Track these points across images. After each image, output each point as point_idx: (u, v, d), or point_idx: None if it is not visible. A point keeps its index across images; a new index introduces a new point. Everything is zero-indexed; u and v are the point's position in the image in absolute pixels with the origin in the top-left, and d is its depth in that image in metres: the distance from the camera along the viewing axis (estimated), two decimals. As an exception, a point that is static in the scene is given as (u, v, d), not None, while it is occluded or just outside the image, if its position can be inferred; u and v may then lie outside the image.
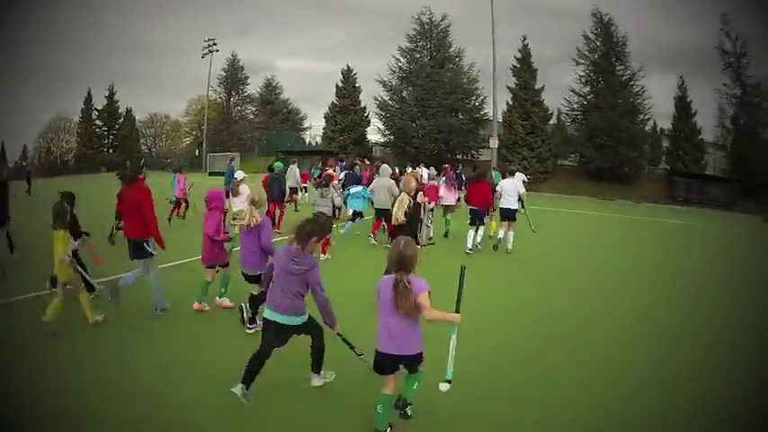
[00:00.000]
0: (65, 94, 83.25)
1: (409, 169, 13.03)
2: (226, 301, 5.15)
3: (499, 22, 28.11)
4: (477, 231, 8.58)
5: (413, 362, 2.88)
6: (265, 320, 3.22)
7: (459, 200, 10.88)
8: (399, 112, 35.05)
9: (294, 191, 13.15)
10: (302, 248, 3.12)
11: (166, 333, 4.51)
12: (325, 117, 38.33)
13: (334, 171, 12.20)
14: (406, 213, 5.95)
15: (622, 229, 14.84)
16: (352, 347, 3.47)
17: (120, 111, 49.73)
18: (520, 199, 8.70)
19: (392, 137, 35.82)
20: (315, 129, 42.49)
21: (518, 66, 33.80)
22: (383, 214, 8.70)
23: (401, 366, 2.90)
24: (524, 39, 34.09)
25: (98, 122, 49.66)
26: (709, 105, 32.60)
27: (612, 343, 4.78)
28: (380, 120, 36.34)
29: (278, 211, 9.78)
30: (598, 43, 33.24)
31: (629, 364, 4.28)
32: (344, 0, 71.80)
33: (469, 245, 8.46)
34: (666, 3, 56.64)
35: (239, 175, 9.04)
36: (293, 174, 13.27)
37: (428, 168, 17.53)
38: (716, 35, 31.16)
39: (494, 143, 29.92)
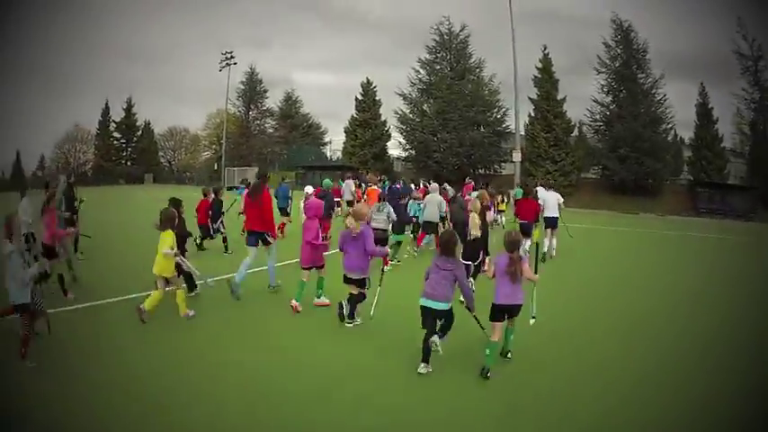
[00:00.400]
0: (81, 105, 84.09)
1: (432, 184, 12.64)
2: (324, 300, 5.79)
3: (515, 33, 27.50)
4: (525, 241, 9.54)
5: (518, 310, 4.30)
6: (423, 308, 4.23)
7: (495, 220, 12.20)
8: (420, 125, 34.89)
9: (350, 203, 13.62)
10: (447, 257, 4.29)
11: (271, 320, 5.46)
12: (345, 131, 38.27)
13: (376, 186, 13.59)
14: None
15: (653, 245, 14.56)
16: (479, 323, 4.46)
17: (138, 123, 50.10)
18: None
19: (413, 151, 35.72)
20: (335, 143, 42.46)
21: (539, 76, 33.40)
22: (429, 227, 9.35)
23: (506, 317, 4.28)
24: (545, 48, 33.76)
25: (116, 134, 50.11)
26: (724, 111, 31.80)
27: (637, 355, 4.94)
28: (401, 133, 36.27)
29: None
30: (619, 50, 32.81)
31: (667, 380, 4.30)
32: (364, 13, 71.20)
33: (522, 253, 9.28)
34: (678, 7, 55.57)
35: (309, 189, 10.10)
36: (348, 187, 14.50)
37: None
38: (732, 39, 30.79)
39: (517, 157, 29.68)
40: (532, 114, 33.15)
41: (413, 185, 13.88)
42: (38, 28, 69.87)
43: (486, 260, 6.53)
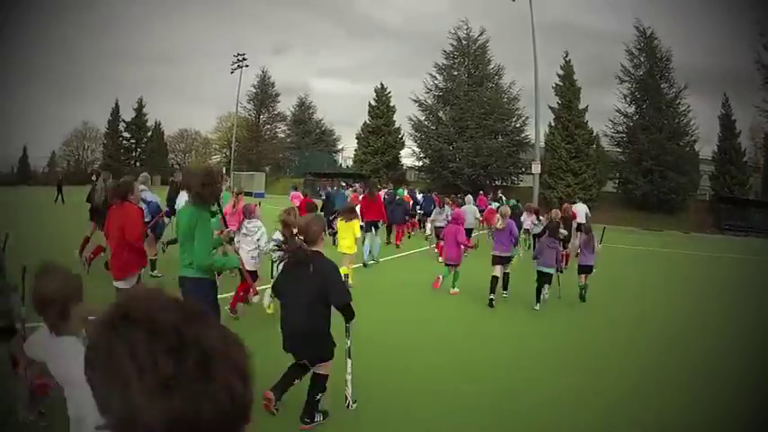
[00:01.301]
0: (91, 104, 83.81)
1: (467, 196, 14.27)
2: (456, 290, 7.41)
3: (536, 40, 26.21)
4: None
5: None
6: (540, 272, 6.64)
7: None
8: (435, 133, 33.73)
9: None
10: (554, 237, 6.81)
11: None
12: (357, 138, 37.17)
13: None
14: None
15: (689, 269, 13.03)
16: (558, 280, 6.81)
17: (148, 124, 49.59)
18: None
19: (427, 160, 34.54)
20: (347, 151, 41.48)
21: (560, 84, 32.16)
22: (468, 233, 10.53)
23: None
24: (566, 55, 32.48)
25: (125, 134, 49.65)
26: (741, 124, 30.62)
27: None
28: (415, 141, 35.08)
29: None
30: (642, 59, 31.49)
31: None
32: (382, 21, 70.12)
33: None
34: (698, 16, 53.77)
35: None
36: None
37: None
38: (755, 50, 29.50)
39: (536, 168, 28.38)
40: (552, 124, 31.91)
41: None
42: (49, 29, 69.71)
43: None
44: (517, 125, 33.50)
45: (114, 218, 4.19)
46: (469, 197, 13.59)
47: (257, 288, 4.98)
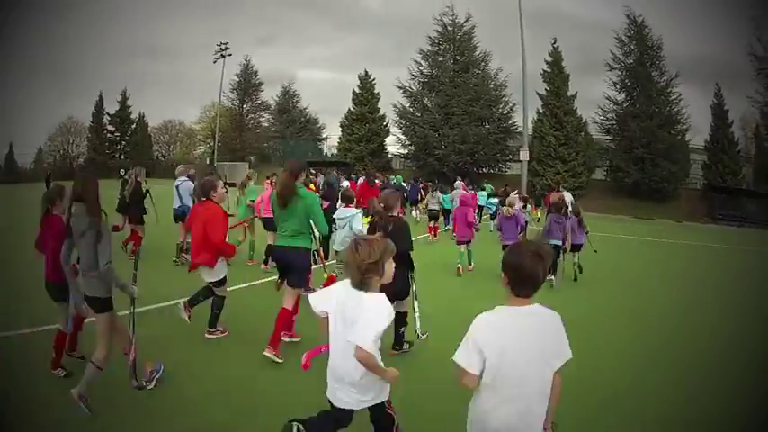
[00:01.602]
0: (75, 97, 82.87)
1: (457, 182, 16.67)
2: (472, 266, 8.00)
3: (523, 26, 25.31)
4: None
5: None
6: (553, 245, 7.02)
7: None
8: (421, 120, 32.83)
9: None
10: (559, 215, 7.49)
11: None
12: (341, 126, 36.22)
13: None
14: None
15: (690, 262, 11.94)
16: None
17: (132, 116, 48.63)
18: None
19: (413, 147, 33.65)
20: (332, 140, 40.48)
21: (549, 70, 31.43)
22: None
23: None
24: (555, 41, 31.76)
25: (110, 128, 48.65)
26: (733, 114, 30.08)
27: None
28: (400, 129, 34.22)
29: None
30: (632, 47, 30.75)
31: None
32: (366, 9, 69.56)
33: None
34: (691, 7, 53.28)
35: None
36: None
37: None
38: (747, 41, 29.10)
39: (524, 155, 27.50)
40: (541, 111, 31.07)
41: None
42: (34, 23, 68.85)
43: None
44: (504, 112, 32.67)
45: (197, 215, 4.26)
46: (458, 182, 16.02)
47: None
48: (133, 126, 48.69)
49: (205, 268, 4.17)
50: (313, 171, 17.39)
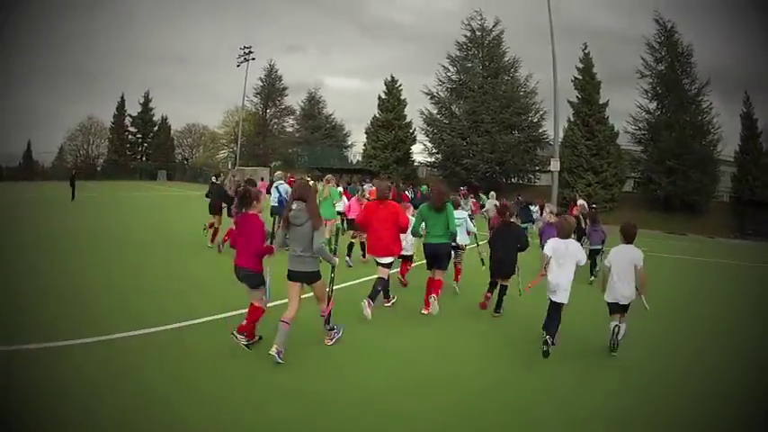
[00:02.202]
0: (98, 98, 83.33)
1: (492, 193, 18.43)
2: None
3: (545, 35, 24.68)
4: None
5: None
6: (590, 250, 8.56)
7: None
8: (448, 127, 32.32)
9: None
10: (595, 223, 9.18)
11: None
12: (366, 132, 35.76)
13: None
14: None
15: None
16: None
17: (155, 118, 48.80)
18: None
19: (440, 155, 33.17)
20: (357, 146, 40.02)
21: (580, 77, 30.75)
22: None
23: None
24: (585, 47, 31.07)
25: (131, 129, 48.90)
26: (762, 124, 28.66)
27: None
28: (427, 136, 33.69)
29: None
30: (663, 53, 29.94)
31: None
32: (398, 22, 68.85)
33: None
34: (715, 12, 51.76)
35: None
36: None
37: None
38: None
39: (555, 165, 26.96)
40: (572, 119, 30.47)
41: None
42: (58, 26, 69.20)
43: None
44: (534, 120, 31.99)
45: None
46: (493, 193, 17.46)
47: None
48: (155, 128, 48.92)
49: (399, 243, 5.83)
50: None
